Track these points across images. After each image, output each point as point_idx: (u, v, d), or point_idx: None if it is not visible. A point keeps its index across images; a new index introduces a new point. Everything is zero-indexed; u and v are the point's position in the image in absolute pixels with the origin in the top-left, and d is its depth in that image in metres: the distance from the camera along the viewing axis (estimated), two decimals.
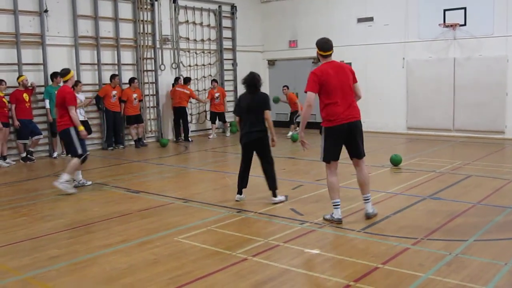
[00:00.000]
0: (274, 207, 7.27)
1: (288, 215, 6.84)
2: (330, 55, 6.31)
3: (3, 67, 12.06)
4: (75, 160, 8.59)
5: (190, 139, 15.37)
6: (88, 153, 9.04)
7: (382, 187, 8.41)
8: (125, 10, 14.69)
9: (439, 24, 14.77)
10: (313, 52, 6.72)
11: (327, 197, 7.87)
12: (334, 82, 6.15)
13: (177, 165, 11.21)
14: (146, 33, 15.17)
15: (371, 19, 16.38)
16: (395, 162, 10.16)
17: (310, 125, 7.55)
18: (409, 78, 15.76)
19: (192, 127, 16.52)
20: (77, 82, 12.75)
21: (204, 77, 17.05)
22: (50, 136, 12.86)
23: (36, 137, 12.21)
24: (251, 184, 9.30)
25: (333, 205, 6.38)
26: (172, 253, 5.49)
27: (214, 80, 16.43)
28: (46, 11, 12.75)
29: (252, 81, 7.48)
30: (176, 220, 6.72)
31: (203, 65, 17.09)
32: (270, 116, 7.46)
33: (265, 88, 19.10)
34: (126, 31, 14.74)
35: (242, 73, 17.62)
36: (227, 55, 17.80)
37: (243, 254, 5.32)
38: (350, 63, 16.59)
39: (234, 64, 18.03)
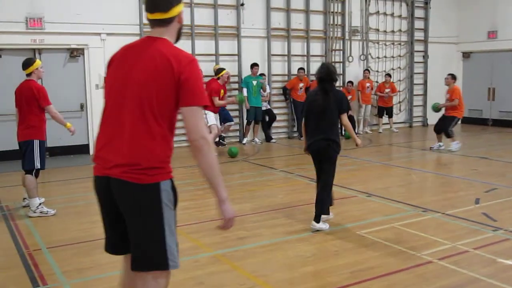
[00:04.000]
0: (463, 209, 6.81)
1: (479, 219, 6.34)
2: (158, 22, 2.96)
3: (202, 57, 12.97)
4: (30, 178, 6.78)
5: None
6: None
7: None
8: (317, 2, 14.86)
9: None
10: None
11: None
12: (111, 81, 3.00)
13: (361, 158, 11.07)
14: (336, 25, 15.20)
15: None
16: None
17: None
18: None
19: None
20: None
21: (392, 69, 16.56)
22: (241, 123, 13.61)
23: (228, 123, 12.97)
24: (438, 183, 8.90)
25: None
26: (354, 247, 5.44)
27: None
28: (242, 4, 13.43)
29: (325, 74, 6.02)
30: (359, 214, 6.64)
31: (392, 57, 16.62)
32: (347, 120, 6.08)
33: (458, 82, 17.96)
34: (316, 22, 14.92)
35: (433, 66, 17.12)
36: (418, 47, 17.07)
37: (428, 256, 5.08)
38: None
39: (425, 56, 17.23)
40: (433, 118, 17.30)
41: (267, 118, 13.77)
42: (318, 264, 4.95)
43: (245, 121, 13.60)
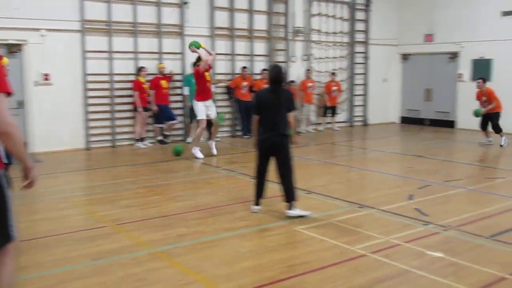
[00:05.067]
0: (398, 205, 7.09)
1: (412, 214, 6.64)
2: None
3: (146, 55, 12.90)
4: None
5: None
6: None
7: None
8: (260, 2, 15.00)
9: None
10: (451, 47, 6.14)
11: (456, 199, 7.62)
12: None
13: (301, 156, 11.28)
14: (279, 25, 15.41)
15: None
16: None
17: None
18: None
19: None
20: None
21: (334, 70, 16.90)
22: (185, 122, 13.60)
23: (171, 122, 12.96)
24: (376, 180, 9.20)
25: None
26: (290, 242, 5.61)
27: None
28: (185, 3, 13.42)
29: (277, 75, 6.49)
30: None
31: (334, 57, 16.99)
32: (294, 118, 6.65)
33: (397, 83, 18.72)
34: (260, 22, 15.08)
35: (374, 67, 17.61)
36: (359, 48, 17.52)
37: (362, 250, 5.28)
38: (491, 60, 15.82)
39: (367, 57, 17.70)
40: (374, 118, 17.90)
41: None
42: (255, 259, 5.07)
43: (187, 120, 13.60)
